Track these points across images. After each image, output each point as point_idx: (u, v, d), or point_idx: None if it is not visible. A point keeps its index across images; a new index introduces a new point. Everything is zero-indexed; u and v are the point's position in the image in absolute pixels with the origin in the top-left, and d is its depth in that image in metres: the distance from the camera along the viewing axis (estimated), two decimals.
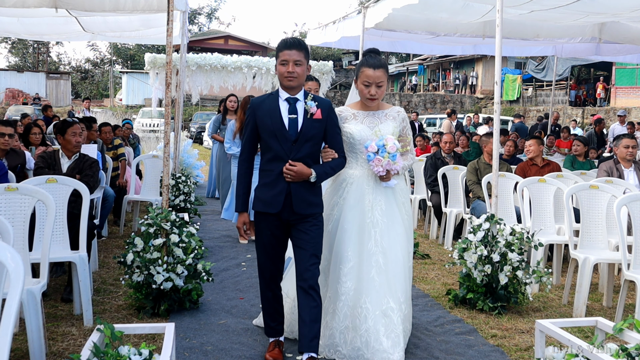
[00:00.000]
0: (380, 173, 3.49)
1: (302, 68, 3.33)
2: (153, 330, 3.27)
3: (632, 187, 5.53)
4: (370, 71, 3.51)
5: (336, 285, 3.52)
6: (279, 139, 3.30)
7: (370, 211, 3.54)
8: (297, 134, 3.31)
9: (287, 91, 3.36)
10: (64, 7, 6.06)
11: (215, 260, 5.84)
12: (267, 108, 3.35)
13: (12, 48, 47.36)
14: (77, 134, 5.03)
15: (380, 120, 3.63)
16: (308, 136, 3.32)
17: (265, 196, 3.35)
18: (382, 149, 3.44)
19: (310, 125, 3.33)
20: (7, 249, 1.98)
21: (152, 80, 21.48)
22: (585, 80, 30.36)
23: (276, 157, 3.33)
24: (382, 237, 3.52)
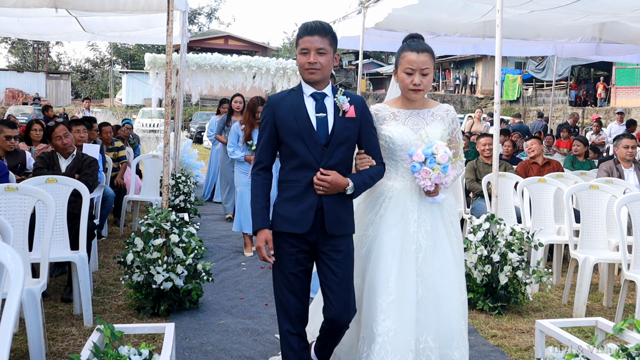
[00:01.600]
0: (428, 188, 2.86)
1: (327, 58, 2.74)
2: (153, 330, 3.27)
3: (632, 187, 5.53)
4: (414, 55, 2.90)
5: (372, 324, 2.79)
6: (307, 143, 2.72)
7: (416, 233, 2.88)
8: (328, 136, 2.73)
9: (312, 86, 2.79)
10: (64, 7, 6.06)
11: (215, 260, 5.84)
12: (289, 106, 2.77)
13: (12, 48, 47.36)
14: (62, 137, 5.00)
15: (425, 120, 2.98)
16: (341, 138, 2.75)
17: (290, 213, 2.74)
18: (431, 158, 2.83)
19: (343, 125, 2.76)
20: (7, 249, 1.97)
21: (152, 80, 21.49)
22: (585, 80, 30.35)
23: (303, 165, 2.73)
24: (425, 263, 2.86)
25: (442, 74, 39.00)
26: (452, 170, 2.92)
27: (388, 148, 2.96)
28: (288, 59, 27.32)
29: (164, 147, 4.55)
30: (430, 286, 2.84)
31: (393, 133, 2.94)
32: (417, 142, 2.90)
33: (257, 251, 2.78)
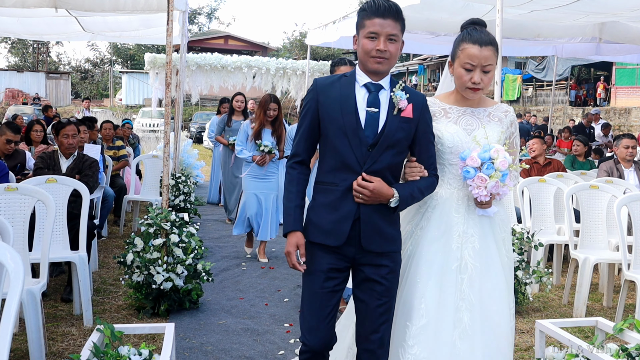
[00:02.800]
0: (482, 198, 2.45)
1: (397, 46, 2.36)
2: (153, 330, 3.27)
3: (632, 187, 5.53)
4: (476, 49, 2.46)
5: (398, 350, 2.44)
6: (350, 141, 2.34)
7: (459, 249, 2.49)
8: (376, 135, 2.35)
9: (370, 75, 2.39)
10: (63, 7, 6.06)
11: (215, 260, 5.84)
12: (336, 94, 2.38)
13: (12, 48, 47.34)
14: (70, 136, 5.00)
15: (481, 121, 2.57)
16: (391, 140, 2.36)
17: (323, 221, 2.38)
18: (489, 163, 2.42)
19: (397, 125, 2.36)
20: (7, 249, 1.97)
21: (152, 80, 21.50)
22: (586, 80, 30.35)
23: (343, 166, 2.36)
24: (472, 287, 2.46)
25: (442, 74, 38.98)
26: (509, 179, 2.51)
27: (435, 149, 2.54)
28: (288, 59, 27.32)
29: (164, 147, 4.55)
30: (478, 314, 2.44)
31: (443, 132, 2.53)
32: (471, 144, 2.50)
33: (287, 257, 2.41)
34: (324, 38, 9.21)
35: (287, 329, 4.07)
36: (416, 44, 10.13)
